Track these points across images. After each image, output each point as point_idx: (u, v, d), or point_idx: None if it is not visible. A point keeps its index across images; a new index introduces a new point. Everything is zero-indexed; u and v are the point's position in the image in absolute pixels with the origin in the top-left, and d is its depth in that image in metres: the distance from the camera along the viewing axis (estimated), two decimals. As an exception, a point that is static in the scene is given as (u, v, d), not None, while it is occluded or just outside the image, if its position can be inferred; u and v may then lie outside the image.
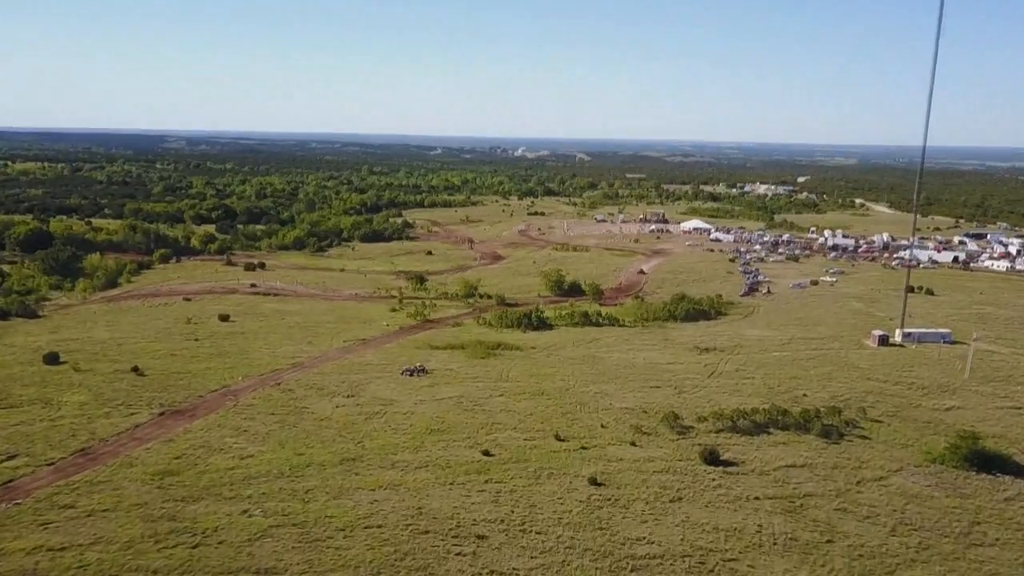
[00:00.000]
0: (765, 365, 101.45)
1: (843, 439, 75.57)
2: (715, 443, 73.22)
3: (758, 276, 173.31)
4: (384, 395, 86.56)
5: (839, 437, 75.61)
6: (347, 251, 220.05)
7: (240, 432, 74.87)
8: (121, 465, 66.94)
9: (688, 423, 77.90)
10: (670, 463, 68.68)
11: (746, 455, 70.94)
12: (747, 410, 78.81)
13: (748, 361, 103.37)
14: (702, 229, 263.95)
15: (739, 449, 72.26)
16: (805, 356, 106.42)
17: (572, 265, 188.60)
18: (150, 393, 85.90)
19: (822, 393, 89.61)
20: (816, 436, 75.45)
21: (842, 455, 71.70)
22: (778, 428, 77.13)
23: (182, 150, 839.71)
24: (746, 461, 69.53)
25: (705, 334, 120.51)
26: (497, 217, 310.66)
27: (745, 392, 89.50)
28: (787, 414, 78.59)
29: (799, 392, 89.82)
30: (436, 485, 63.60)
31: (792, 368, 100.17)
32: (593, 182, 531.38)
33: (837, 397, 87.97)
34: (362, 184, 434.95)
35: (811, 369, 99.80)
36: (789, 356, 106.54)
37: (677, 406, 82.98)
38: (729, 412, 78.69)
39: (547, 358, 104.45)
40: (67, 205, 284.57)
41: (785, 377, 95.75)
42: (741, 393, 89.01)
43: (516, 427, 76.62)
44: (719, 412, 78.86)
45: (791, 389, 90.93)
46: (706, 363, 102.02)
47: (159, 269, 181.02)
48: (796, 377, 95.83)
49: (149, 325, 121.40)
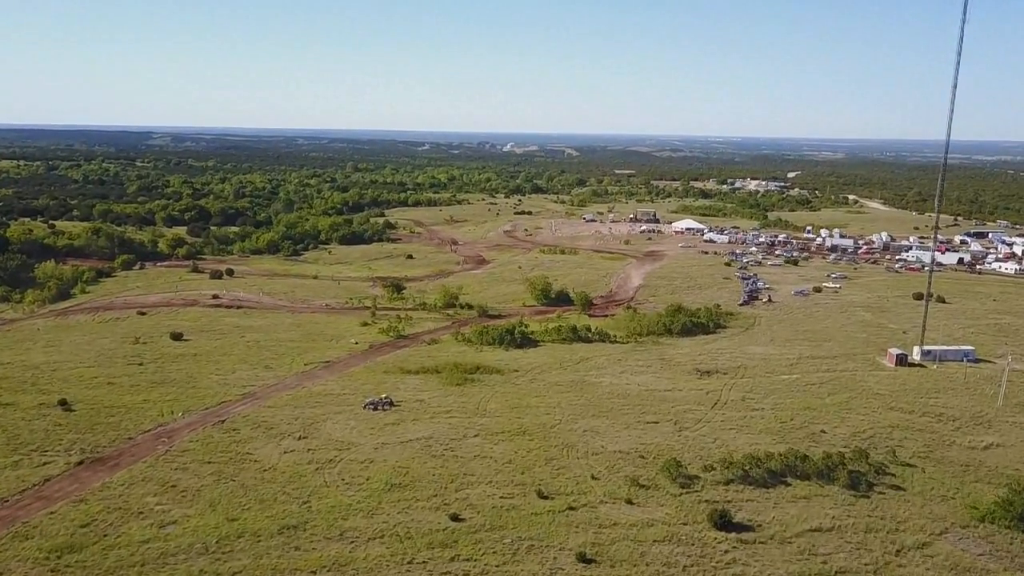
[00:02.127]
0: (774, 392, 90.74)
1: (873, 490, 64.98)
2: (725, 498, 62.51)
3: (757, 282, 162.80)
4: (341, 436, 75.33)
5: (868, 488, 65.03)
6: (324, 255, 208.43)
7: (167, 488, 63.60)
8: (14, 537, 55.64)
9: (693, 471, 67.06)
10: (673, 528, 57.79)
11: (762, 515, 60.15)
12: (760, 455, 68.01)
13: (755, 387, 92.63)
14: (695, 229, 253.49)
15: (754, 507, 61.47)
16: (817, 380, 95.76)
17: (560, 270, 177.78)
18: (72, 435, 74.52)
19: (842, 428, 78.95)
20: (842, 487, 64.79)
21: (874, 513, 61.03)
22: (797, 477, 66.41)
23: (166, 147, 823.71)
24: (763, 524, 58.73)
25: (705, 352, 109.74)
26: (483, 217, 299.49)
27: (755, 428, 78.72)
28: (807, 460, 67.82)
29: (816, 427, 79.11)
30: (391, 564, 52.52)
31: (805, 396, 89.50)
32: (582, 178, 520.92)
33: (859, 433, 77.32)
34: (345, 182, 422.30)
35: (826, 397, 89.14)
36: (799, 380, 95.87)
37: (679, 449, 72.17)
38: (740, 458, 67.88)
39: (530, 384, 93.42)
40: (33, 207, 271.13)
41: (798, 408, 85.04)
42: (750, 430, 78.24)
43: (492, 479, 65.56)
44: (728, 458, 68.03)
45: (806, 423, 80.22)
46: (708, 390, 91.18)
47: (120, 277, 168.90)
48: (811, 408, 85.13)
49: (93, 345, 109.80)
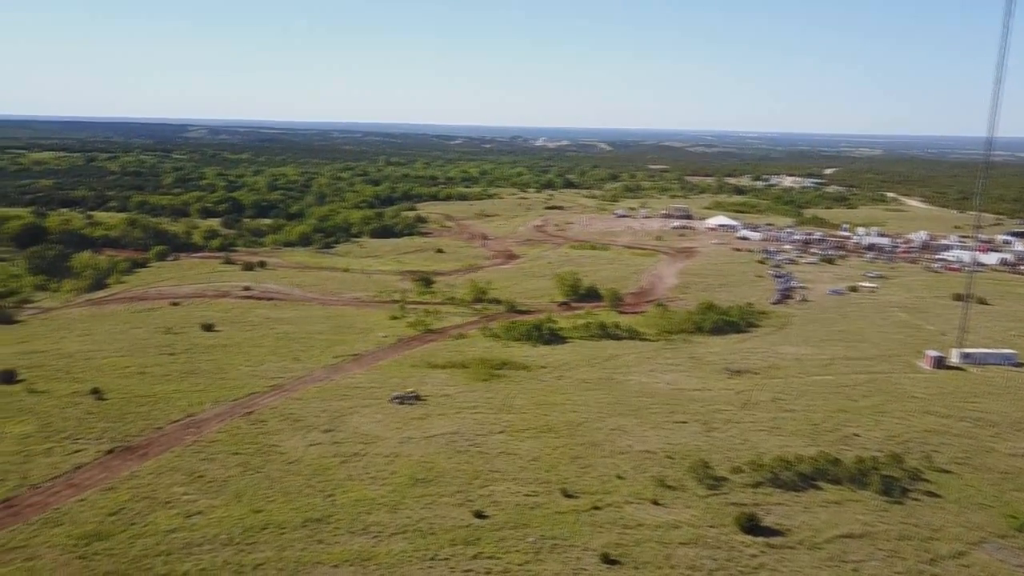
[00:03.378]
0: (806, 393, 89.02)
1: (907, 496, 63.34)
2: (753, 501, 61.39)
3: (791, 281, 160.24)
4: (367, 429, 75.35)
5: (902, 494, 63.38)
6: (355, 248, 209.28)
7: (194, 478, 64.08)
8: (44, 523, 56.38)
9: (721, 473, 65.96)
10: (700, 531, 56.85)
11: (792, 519, 58.95)
12: (790, 458, 66.71)
13: (786, 388, 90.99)
14: (728, 226, 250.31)
15: (783, 511, 60.27)
16: (851, 382, 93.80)
17: (590, 266, 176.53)
18: (104, 423, 75.43)
19: (876, 432, 77.19)
20: (875, 493, 63.26)
21: (908, 520, 59.51)
22: (828, 481, 64.98)
23: (202, 139, 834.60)
24: (792, 529, 57.54)
25: (736, 351, 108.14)
26: (514, 211, 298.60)
27: (786, 430, 77.29)
28: (839, 464, 66.37)
29: (848, 430, 77.44)
30: (413, 560, 52.32)
31: (837, 398, 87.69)
32: (614, 174, 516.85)
33: (894, 438, 75.52)
34: (377, 176, 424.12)
35: (860, 399, 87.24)
36: (833, 381, 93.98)
37: (706, 449, 71.05)
38: (769, 460, 66.66)
39: (558, 381, 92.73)
40: (72, 197, 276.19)
41: (831, 410, 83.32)
42: (781, 431, 76.82)
43: (516, 477, 65.08)
44: (757, 461, 66.82)
45: (839, 426, 78.54)
46: (738, 390, 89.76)
47: (154, 268, 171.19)
48: (843, 410, 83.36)
49: (126, 335, 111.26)
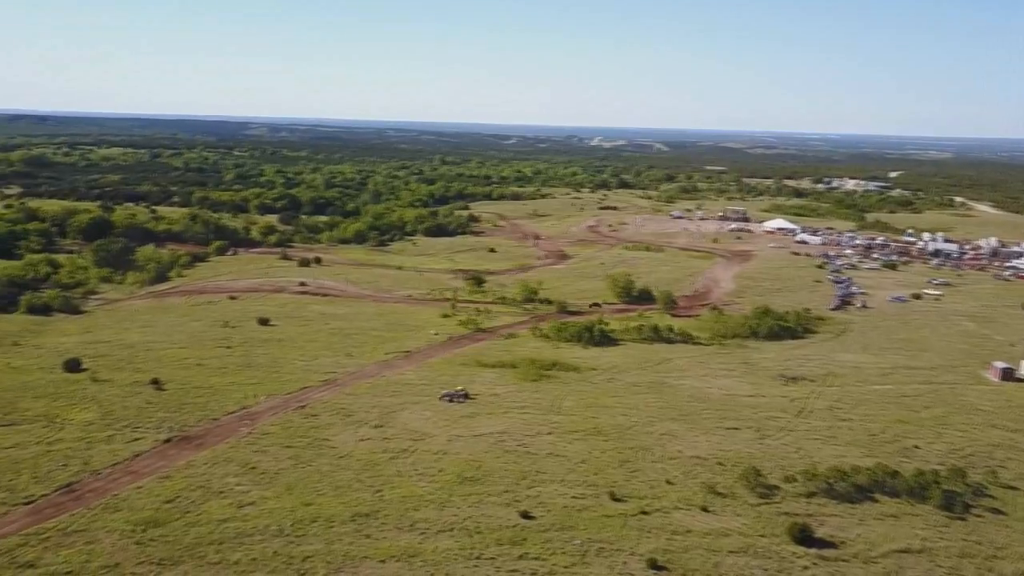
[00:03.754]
0: (864, 402, 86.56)
1: (969, 512, 61.08)
2: (806, 512, 59.92)
3: (850, 286, 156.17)
4: (416, 426, 75.82)
5: (964, 510, 61.14)
6: (408, 246, 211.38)
7: (247, 469, 65.31)
8: (104, 509, 58.11)
9: (772, 481, 64.55)
10: (750, 540, 55.70)
11: (846, 532, 57.35)
12: (846, 469, 64.87)
13: (843, 396, 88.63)
14: (786, 229, 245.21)
15: (837, 522, 58.68)
16: (912, 392, 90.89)
17: (643, 267, 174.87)
18: (162, 413, 77.45)
19: (937, 444, 74.64)
20: (935, 507, 61.12)
21: (970, 537, 57.37)
22: (886, 494, 63.03)
23: (262, 137, 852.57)
24: (846, 541, 55.97)
25: (791, 358, 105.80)
26: (567, 211, 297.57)
27: (842, 439, 75.26)
28: (897, 476, 64.33)
29: (909, 442, 75.02)
30: (459, 558, 52.40)
31: (898, 408, 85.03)
32: (670, 174, 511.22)
33: (957, 451, 72.92)
34: (432, 175, 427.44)
35: (921, 410, 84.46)
36: (893, 391, 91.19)
37: (759, 457, 69.61)
38: (824, 470, 64.95)
39: (608, 383, 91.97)
40: (137, 192, 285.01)
41: (890, 420, 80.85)
42: (836, 441, 74.84)
43: (564, 479, 64.70)
44: (811, 470, 65.18)
45: (898, 437, 76.16)
46: (793, 397, 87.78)
47: (213, 262, 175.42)
48: (903, 421, 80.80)
49: (185, 327, 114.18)
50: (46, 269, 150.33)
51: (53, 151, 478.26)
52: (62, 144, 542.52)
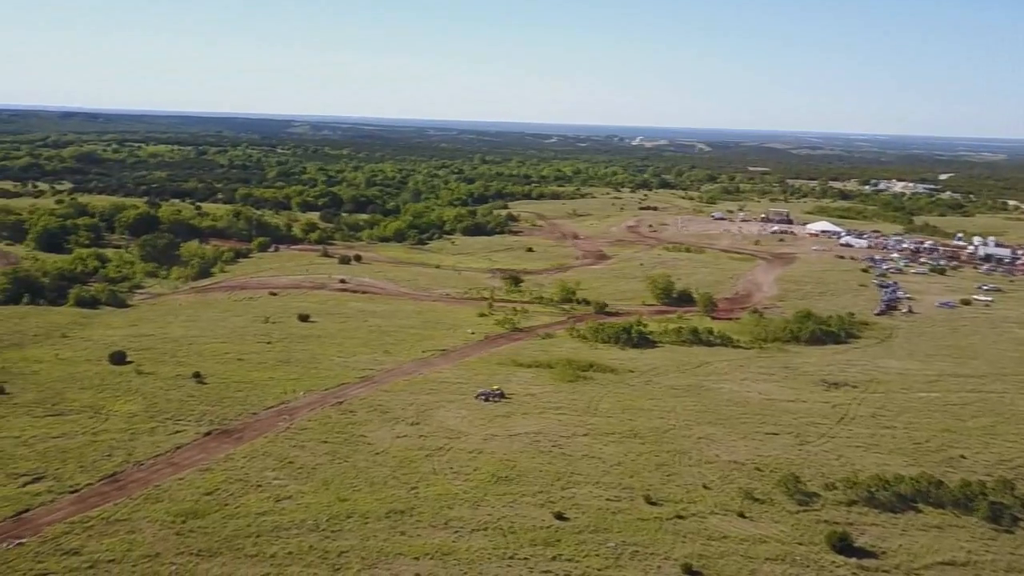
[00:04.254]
0: (909, 410, 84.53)
1: (1017, 525, 59.25)
2: (846, 520, 58.71)
3: (896, 291, 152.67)
4: (452, 424, 76.01)
5: (1012, 522, 59.31)
6: (447, 245, 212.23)
7: (284, 464, 66.09)
8: (146, 499, 59.27)
9: (812, 489, 63.36)
10: (788, 547, 54.74)
11: (887, 542, 56.04)
12: (889, 477, 63.39)
13: (887, 403, 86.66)
14: (831, 232, 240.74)
15: (878, 532, 57.40)
16: (959, 400, 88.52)
17: (683, 269, 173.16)
18: (203, 406, 78.78)
19: (985, 455, 72.57)
20: (981, 519, 59.40)
21: (1018, 551, 55.67)
22: (930, 504, 61.46)
23: (305, 135, 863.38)
24: (887, 551, 54.70)
25: (834, 363, 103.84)
26: (607, 211, 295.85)
27: (884, 448, 73.59)
28: (942, 486, 62.68)
29: (954, 451, 73.07)
30: (493, 557, 52.37)
31: (944, 416, 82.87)
32: (712, 175, 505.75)
33: (1006, 462, 70.81)
34: (472, 174, 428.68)
35: (968, 419, 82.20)
36: (939, 399, 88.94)
37: (798, 463, 68.40)
38: (865, 478, 63.56)
39: (645, 386, 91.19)
40: (183, 189, 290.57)
41: (936, 429, 78.82)
42: (879, 449, 73.19)
43: (599, 481, 64.29)
44: (852, 478, 63.82)
45: (944, 447, 74.24)
46: (835, 403, 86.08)
47: (255, 258, 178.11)
48: (950, 430, 78.72)
49: (227, 322, 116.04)
50: (94, 263, 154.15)
51: (103, 148, 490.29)
52: (112, 141, 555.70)
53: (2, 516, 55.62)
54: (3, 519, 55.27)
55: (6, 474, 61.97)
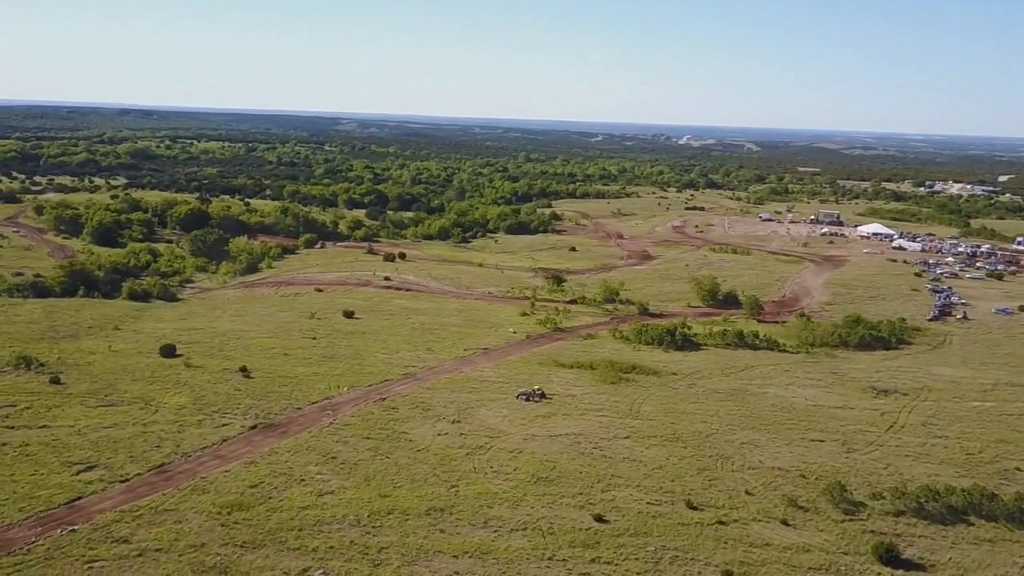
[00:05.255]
0: (961, 419, 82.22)
1: (1075, 542, 57.20)
2: (893, 531, 57.30)
3: (951, 296, 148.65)
4: (493, 423, 76.16)
5: (1069, 539, 57.29)
6: (490, 243, 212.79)
7: (328, 459, 66.90)
8: (193, 490, 60.48)
9: (858, 498, 62.00)
10: (832, 557, 53.65)
11: (937, 555, 54.56)
12: (939, 488, 61.67)
13: (939, 412, 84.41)
14: (883, 234, 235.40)
15: (926, 544, 55.91)
16: (1016, 411, 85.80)
17: (730, 271, 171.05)
18: (249, 400, 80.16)
19: (1041, 467, 70.21)
20: (1036, 535, 57.53)
21: (1075, 568, 53.72)
22: (982, 517, 59.66)
23: (352, 133, 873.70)
24: (936, 565, 53.26)
25: (883, 369, 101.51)
26: (652, 211, 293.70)
27: (935, 457, 71.69)
28: (995, 499, 60.81)
29: (1009, 463, 70.84)
30: (531, 558, 52.28)
31: (998, 427, 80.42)
32: (761, 175, 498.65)
33: (1063, 476, 68.43)
34: (516, 172, 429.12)
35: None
36: (993, 409, 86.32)
37: (844, 472, 66.99)
38: (914, 489, 61.94)
39: (688, 389, 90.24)
40: (233, 185, 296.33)
41: (990, 439, 76.52)
42: (930, 459, 71.33)
43: (640, 484, 63.80)
44: (900, 488, 62.24)
45: (998, 458, 72.03)
46: (884, 411, 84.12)
47: (302, 254, 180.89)
48: (1004, 441, 76.36)
49: (273, 318, 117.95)
50: (147, 257, 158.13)
51: (156, 144, 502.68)
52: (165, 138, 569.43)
53: (57, 503, 57.23)
54: (58, 506, 56.88)
55: (61, 462, 63.80)
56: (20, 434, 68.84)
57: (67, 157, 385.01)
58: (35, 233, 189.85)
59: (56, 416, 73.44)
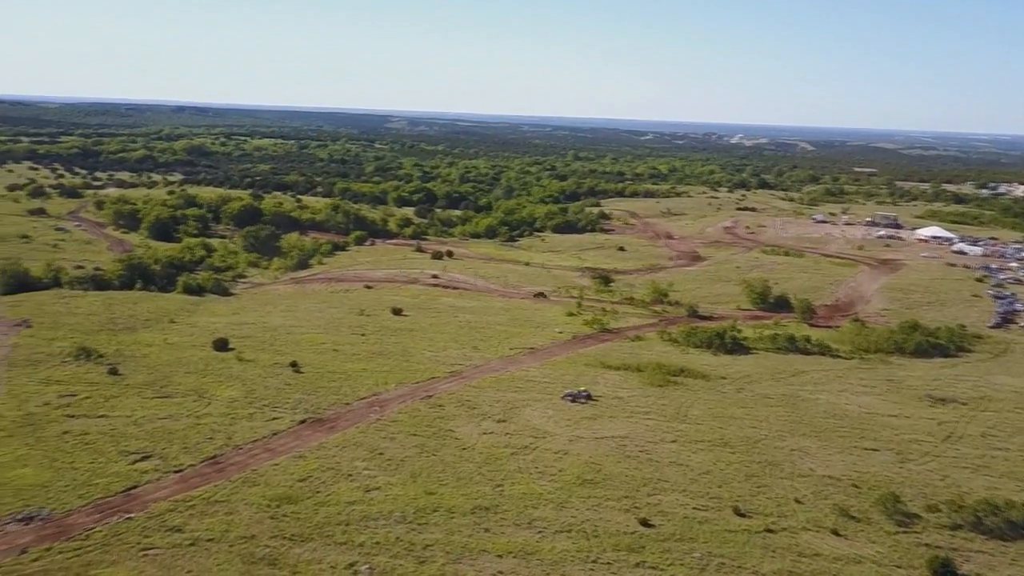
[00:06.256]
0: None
1: None
2: (950, 545, 55.66)
3: (1014, 303, 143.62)
4: (538, 424, 76.05)
5: None
6: (537, 242, 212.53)
7: (375, 455, 67.57)
8: (244, 482, 61.67)
9: (913, 510, 60.36)
10: (885, 570, 52.34)
11: (995, 571, 52.85)
12: (999, 502, 59.69)
13: (1000, 423, 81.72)
14: (942, 238, 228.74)
15: (984, 560, 54.17)
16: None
17: (782, 273, 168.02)
18: (299, 395, 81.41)
19: (1109, 483, 67.48)
20: (1103, 554, 55.32)
21: None
22: (1044, 534, 57.62)
23: (402, 131, 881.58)
24: (996, 582, 51.61)
25: (941, 377, 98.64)
26: (702, 211, 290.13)
27: (995, 470, 69.43)
28: (1059, 515, 58.66)
29: (1074, 478, 68.28)
30: (576, 560, 52.09)
31: (1063, 440, 77.55)
32: (815, 175, 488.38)
33: None
34: (564, 171, 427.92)
35: (1091, 444, 76.65)
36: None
37: (899, 482, 65.30)
38: (972, 502, 60.07)
39: (737, 393, 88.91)
40: (285, 182, 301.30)
41: (1053, 453, 73.85)
42: (989, 471, 69.09)
43: (686, 489, 63.07)
44: (958, 501, 60.42)
45: (1062, 472, 69.45)
46: (941, 420, 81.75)
47: (352, 251, 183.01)
48: (1069, 454, 73.60)
49: (324, 313, 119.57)
50: (201, 252, 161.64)
51: (211, 141, 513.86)
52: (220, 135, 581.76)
53: (114, 491, 58.90)
54: (115, 494, 58.54)
55: (118, 451, 65.62)
56: (80, 423, 71.08)
57: (126, 153, 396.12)
58: (95, 227, 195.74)
59: (114, 406, 75.59)
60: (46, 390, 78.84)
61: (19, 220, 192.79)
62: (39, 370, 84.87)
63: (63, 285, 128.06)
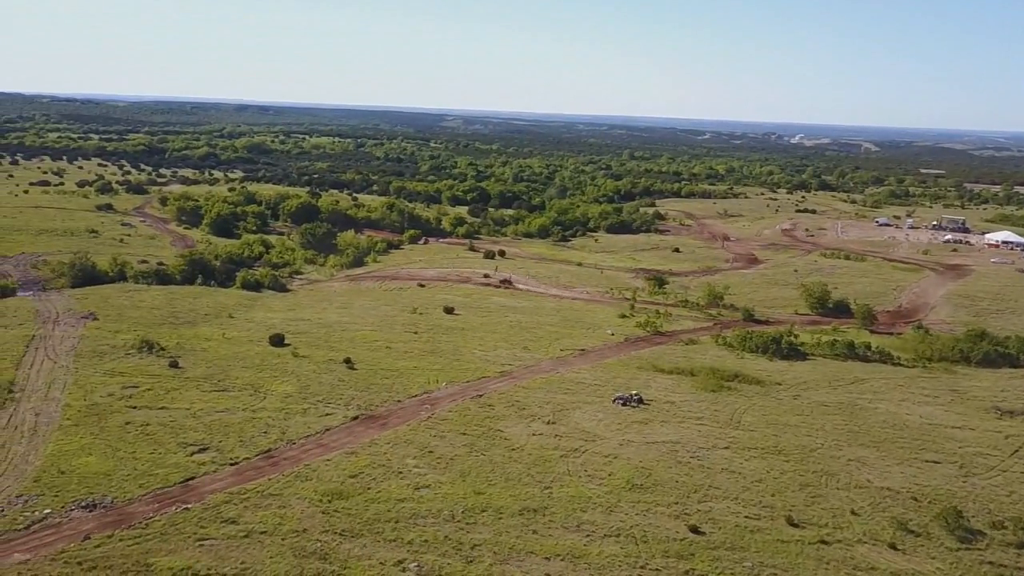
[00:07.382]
0: (1097, 447, 76.01)
1: None
2: (1015, 564, 53.59)
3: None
4: (588, 426, 75.62)
5: None
6: (590, 242, 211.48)
7: (425, 453, 68.06)
8: (296, 477, 62.74)
9: (976, 526, 58.27)
10: (946, 588, 50.62)
11: (1065, 593, 50.66)
12: (1069, 521, 57.23)
13: (1071, 437, 78.30)
14: (1014, 243, 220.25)
15: (1054, 581, 51.98)
16: None
17: (841, 277, 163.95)
18: (352, 391, 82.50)
19: None
20: None
21: None
22: (1118, 556, 55.00)
23: (457, 129, 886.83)
24: (1065, 604, 49.45)
25: (1009, 388, 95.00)
26: (760, 212, 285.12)
27: (1066, 487, 66.56)
28: None
29: None
30: (624, 565, 51.63)
31: None
32: (879, 177, 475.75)
33: None
34: (620, 170, 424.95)
35: None
36: None
37: (961, 496, 63.09)
38: (1041, 520, 57.70)
39: (793, 400, 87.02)
40: (341, 180, 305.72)
41: None
42: (1060, 488, 66.26)
43: (738, 497, 61.96)
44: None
45: None
46: (1008, 434, 78.71)
47: (406, 250, 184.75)
48: None
49: (377, 311, 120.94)
50: (259, 249, 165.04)
51: (271, 139, 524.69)
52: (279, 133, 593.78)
53: (173, 481, 60.52)
54: (173, 484, 60.15)
55: (177, 443, 67.40)
56: (142, 414, 73.25)
57: (190, 151, 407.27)
58: (159, 223, 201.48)
59: (174, 399, 77.71)
60: (110, 381, 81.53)
61: (88, 215, 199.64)
62: (104, 361, 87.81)
63: (128, 279, 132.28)
